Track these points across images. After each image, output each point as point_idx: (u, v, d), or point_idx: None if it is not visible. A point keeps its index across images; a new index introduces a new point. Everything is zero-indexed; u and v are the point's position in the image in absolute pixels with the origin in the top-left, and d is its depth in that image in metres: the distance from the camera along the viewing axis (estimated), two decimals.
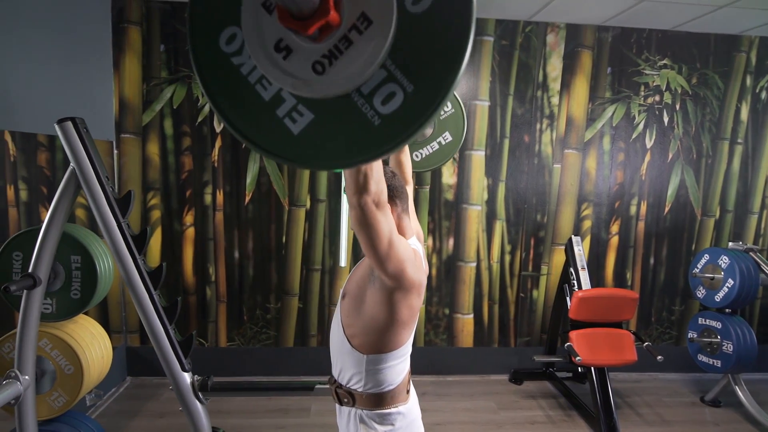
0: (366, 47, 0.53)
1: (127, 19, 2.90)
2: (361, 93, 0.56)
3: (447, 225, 3.23)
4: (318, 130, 0.59)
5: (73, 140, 1.66)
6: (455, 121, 1.99)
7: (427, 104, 0.55)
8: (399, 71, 0.55)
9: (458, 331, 3.33)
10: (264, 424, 2.69)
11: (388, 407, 1.17)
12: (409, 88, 0.55)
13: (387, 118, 0.56)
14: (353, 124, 0.57)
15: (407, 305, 1.10)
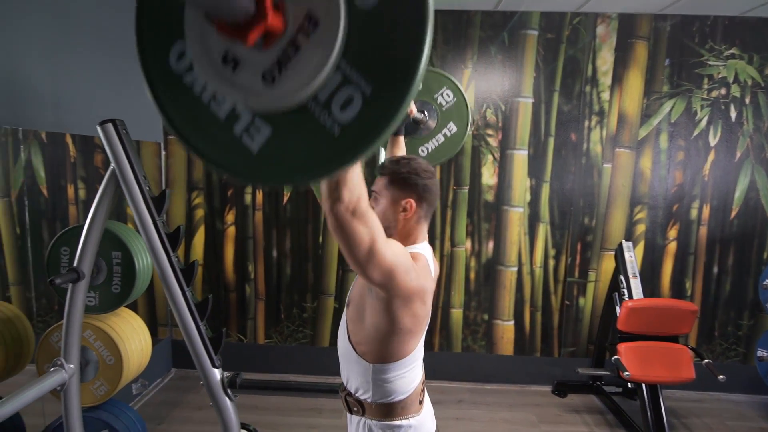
0: (315, 50, 0.49)
1: None
2: (318, 101, 0.51)
3: (486, 227, 3.11)
4: (277, 146, 0.54)
5: (113, 141, 1.73)
6: (459, 111, 1.91)
7: (388, 106, 0.49)
8: (355, 72, 0.50)
9: (498, 338, 3.20)
10: (296, 422, 2.70)
11: (399, 418, 1.12)
12: (368, 90, 0.50)
13: (347, 127, 0.51)
14: (312, 136, 0.52)
15: (409, 314, 1.04)
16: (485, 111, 3.00)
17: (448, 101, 1.94)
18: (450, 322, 3.19)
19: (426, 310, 1.12)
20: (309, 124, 0.52)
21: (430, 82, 1.97)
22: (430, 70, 1.99)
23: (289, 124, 0.53)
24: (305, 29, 0.49)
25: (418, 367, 1.18)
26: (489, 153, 3.04)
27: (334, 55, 0.49)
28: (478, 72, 2.98)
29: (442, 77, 1.92)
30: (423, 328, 1.14)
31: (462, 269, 3.15)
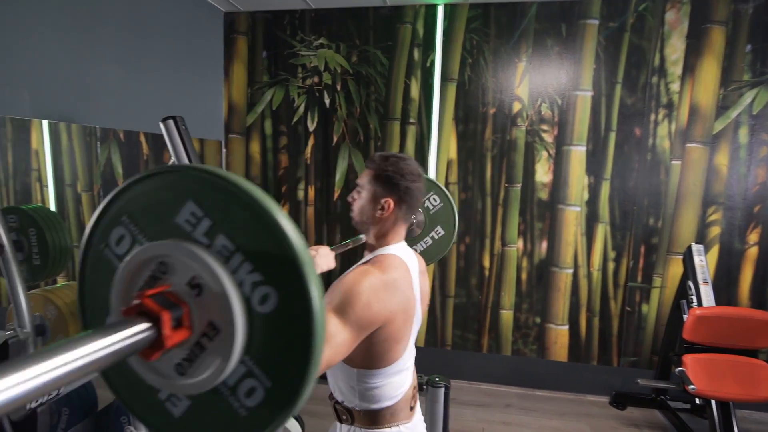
0: (218, 350, 0.54)
1: (236, 30, 3.20)
2: (227, 386, 0.56)
3: (540, 226, 2.99)
4: (195, 416, 0.60)
5: (173, 135, 1.86)
6: (446, 215, 2.02)
7: (286, 400, 0.55)
8: (257, 368, 0.55)
9: (550, 343, 3.06)
10: None
11: (388, 425, 1.08)
12: (268, 384, 0.55)
13: (252, 410, 0.56)
14: (223, 413, 0.58)
15: (386, 332, 1.01)
16: (540, 106, 2.89)
17: (435, 205, 2.04)
18: (499, 323, 3.10)
19: (408, 319, 1.07)
20: (220, 403, 0.57)
21: None
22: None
23: (204, 401, 0.59)
24: (208, 334, 0.54)
25: (408, 372, 1.12)
26: (543, 149, 2.92)
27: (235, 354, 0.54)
28: (533, 65, 2.87)
29: (429, 183, 2.03)
30: (408, 335, 1.08)
31: (513, 269, 3.05)
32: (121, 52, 2.33)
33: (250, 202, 0.53)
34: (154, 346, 0.51)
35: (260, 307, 0.53)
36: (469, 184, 3.04)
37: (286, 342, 0.54)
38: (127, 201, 0.59)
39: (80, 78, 2.10)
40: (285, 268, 0.53)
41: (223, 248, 0.54)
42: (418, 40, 2.98)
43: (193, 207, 0.55)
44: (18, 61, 1.78)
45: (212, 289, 0.53)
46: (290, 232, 0.53)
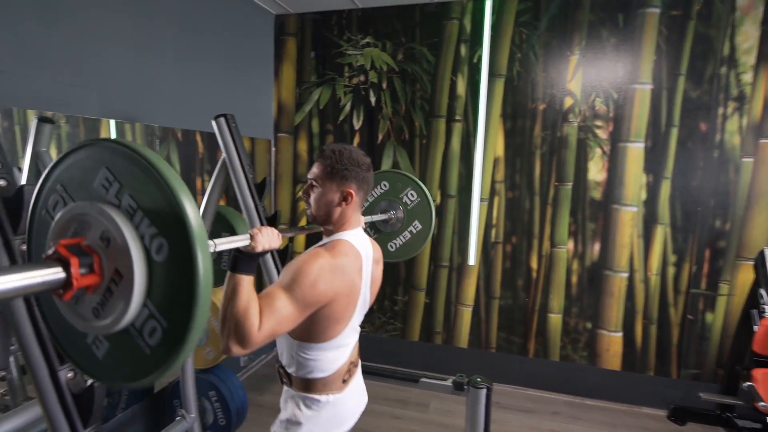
0: (123, 295, 0.64)
1: (286, 32, 3.29)
2: (134, 327, 0.67)
3: (593, 227, 2.85)
4: (114, 356, 0.71)
5: (224, 133, 1.94)
6: (423, 210, 2.09)
7: (181, 338, 0.63)
8: (156, 310, 0.65)
9: (602, 350, 2.91)
10: (381, 411, 2.75)
11: (318, 393, 1.18)
12: (165, 325, 0.64)
13: (153, 349, 0.66)
14: (133, 352, 0.68)
15: (326, 313, 1.08)
16: (594, 100, 2.76)
17: (412, 200, 2.10)
18: (547, 327, 2.99)
19: (351, 302, 1.13)
20: (130, 343, 0.68)
21: (395, 182, 2.13)
22: (397, 173, 2.15)
23: (118, 342, 0.70)
24: (115, 280, 0.65)
25: (345, 349, 1.20)
26: (597, 146, 2.78)
27: (136, 298, 0.64)
28: (586, 58, 2.74)
29: (406, 179, 2.08)
30: (350, 316, 1.15)
31: (562, 272, 2.93)
32: (179, 55, 2.46)
33: (148, 167, 0.64)
34: (66, 286, 0.63)
35: (157, 256, 0.64)
36: (517, 183, 2.95)
37: (177, 287, 0.63)
38: (61, 172, 0.73)
39: (142, 80, 2.24)
40: (174, 221, 0.63)
41: (129, 207, 0.66)
42: (465, 35, 2.93)
43: (107, 173, 0.68)
44: (88, 64, 1.93)
45: (118, 241, 0.64)
46: (178, 192, 0.63)
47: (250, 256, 0.99)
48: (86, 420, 1.02)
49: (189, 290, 0.62)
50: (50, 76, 1.77)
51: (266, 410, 2.71)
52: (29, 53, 1.70)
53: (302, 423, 1.16)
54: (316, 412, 1.18)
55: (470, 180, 3.01)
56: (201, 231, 0.63)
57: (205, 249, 0.63)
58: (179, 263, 0.63)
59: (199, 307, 0.62)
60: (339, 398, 1.20)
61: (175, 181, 0.64)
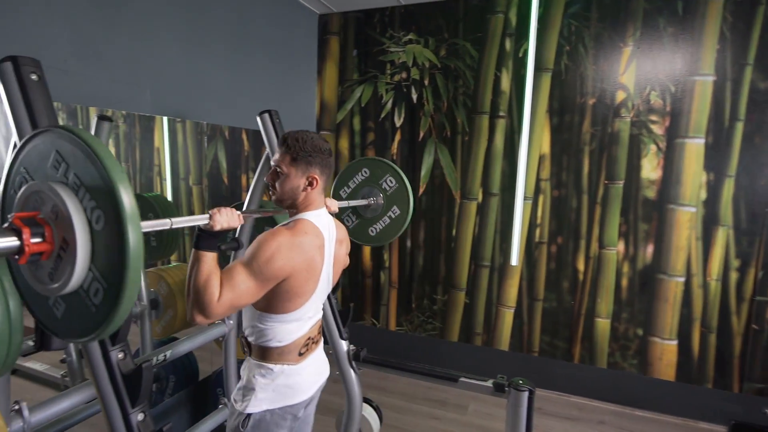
0: (70, 260, 0.75)
1: (329, 31, 3.33)
2: (83, 289, 0.78)
3: (645, 228, 2.69)
4: (69, 315, 0.82)
5: (268, 128, 1.98)
6: (401, 195, 2.15)
7: (117, 297, 0.74)
8: (98, 273, 0.76)
9: (654, 359, 2.74)
10: (419, 410, 2.73)
11: (273, 363, 1.22)
12: (105, 286, 0.75)
13: (98, 306, 0.77)
14: (83, 311, 0.79)
15: (284, 288, 1.14)
16: (649, 94, 2.61)
17: (391, 186, 2.15)
18: (594, 332, 2.86)
19: (311, 278, 1.19)
20: (81, 303, 0.79)
21: (375, 169, 2.17)
22: (376, 159, 2.18)
23: (72, 302, 0.80)
24: (63, 247, 0.75)
25: (303, 323, 1.25)
26: (652, 142, 2.63)
27: (80, 262, 0.75)
28: (641, 50, 2.60)
29: (385, 165, 2.14)
30: (310, 292, 1.21)
31: (611, 274, 2.79)
32: (226, 55, 2.54)
33: (87, 149, 0.75)
34: (19, 252, 0.74)
35: (97, 226, 0.75)
36: (563, 181, 2.84)
37: (112, 251, 0.74)
38: (23, 156, 0.86)
39: (192, 79, 2.33)
40: (107, 194, 0.73)
41: (74, 183, 0.77)
42: (511, 29, 2.86)
43: (57, 155, 0.79)
44: (143, 63, 2.03)
45: (65, 213, 0.75)
46: (110, 169, 0.74)
47: (211, 234, 1.10)
48: (134, 399, 1.06)
49: (121, 253, 0.72)
50: (109, 75, 1.88)
51: None
52: (91, 54, 1.80)
53: (255, 389, 1.21)
54: (269, 380, 1.22)
55: (514, 178, 2.93)
56: (131, 203, 0.73)
57: (134, 218, 0.73)
58: (113, 230, 0.73)
59: (131, 268, 0.73)
60: (293, 369, 1.24)
61: (108, 159, 0.75)
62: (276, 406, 1.22)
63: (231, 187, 3.82)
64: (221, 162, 3.83)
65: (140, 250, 0.73)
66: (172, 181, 3.06)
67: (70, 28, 1.72)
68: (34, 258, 0.76)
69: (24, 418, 1.31)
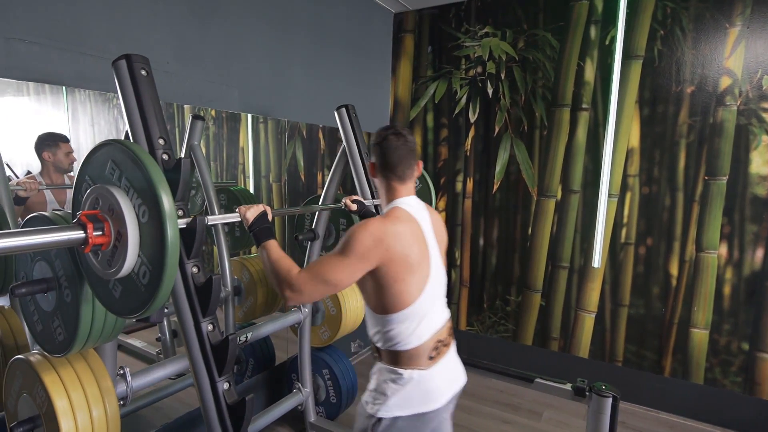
0: (125, 249, 0.91)
1: (404, 29, 3.35)
2: (134, 272, 0.95)
3: (754, 230, 2.40)
4: (126, 295, 0.98)
5: (345, 122, 2.04)
6: (423, 196, 2.20)
7: (160, 278, 0.90)
8: (145, 258, 0.93)
9: (763, 378, 2.43)
10: (491, 413, 2.64)
11: (403, 367, 1.19)
12: (150, 268, 0.92)
13: (146, 286, 0.94)
14: (135, 290, 0.96)
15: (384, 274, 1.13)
16: (761, 79, 2.32)
17: (416, 186, 2.17)
18: (689, 344, 2.59)
19: (415, 265, 1.16)
20: (133, 285, 0.96)
21: None
22: None
23: (127, 284, 0.97)
24: (119, 239, 0.92)
25: (426, 323, 1.20)
26: (764, 133, 2.34)
27: (131, 249, 0.92)
28: (751, 29, 2.32)
29: None
30: (412, 286, 1.17)
31: (711, 281, 2.51)
32: (306, 55, 2.66)
33: (135, 158, 0.94)
34: (85, 243, 0.91)
35: (143, 219, 0.92)
36: (655, 177, 2.61)
37: (155, 239, 0.90)
38: (86, 167, 1.04)
39: (275, 78, 2.46)
40: (150, 193, 0.91)
41: (125, 186, 0.95)
42: (596, 16, 2.69)
43: (112, 164, 0.98)
44: (232, 64, 2.18)
45: (119, 211, 0.92)
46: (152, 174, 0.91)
47: (259, 228, 1.25)
48: (221, 369, 1.14)
49: (162, 241, 0.88)
50: (203, 75, 2.04)
51: None
52: (189, 56, 1.97)
53: (388, 395, 1.18)
54: (400, 386, 1.18)
55: (598, 174, 2.75)
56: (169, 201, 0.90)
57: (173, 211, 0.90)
58: (154, 221, 0.89)
59: (169, 253, 0.88)
60: (424, 375, 1.19)
61: (151, 166, 0.92)
62: (407, 413, 1.18)
63: (307, 183, 3.98)
64: (299, 160, 4.01)
65: (176, 238, 0.90)
66: (254, 178, 3.24)
67: (172, 33, 1.89)
68: (96, 248, 0.93)
69: (127, 382, 1.45)
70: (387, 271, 1.13)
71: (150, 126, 1.18)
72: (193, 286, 1.15)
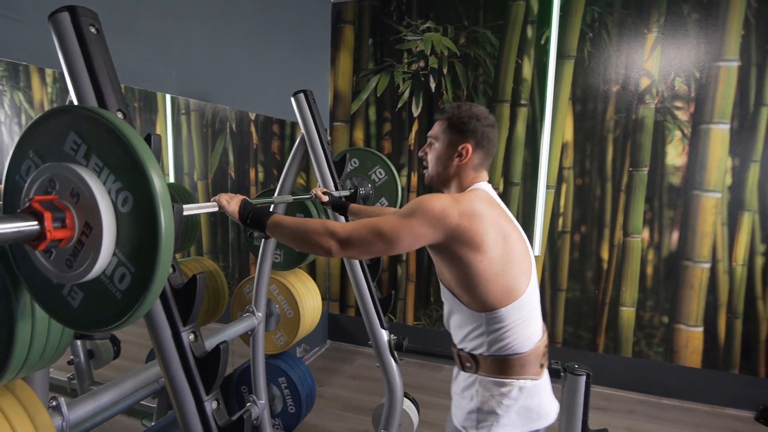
0: (94, 245, 0.70)
1: (343, 20, 3.25)
2: (105, 275, 0.73)
3: (670, 215, 2.69)
4: (89, 304, 0.76)
5: (303, 108, 1.89)
6: (389, 187, 2.17)
7: (147, 281, 0.70)
8: (124, 257, 0.72)
9: (680, 346, 2.73)
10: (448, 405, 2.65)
11: (515, 377, 1.02)
12: (133, 270, 0.71)
13: (125, 293, 0.72)
14: (105, 298, 0.74)
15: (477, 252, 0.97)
16: (673, 80, 2.60)
17: (380, 178, 2.17)
18: (619, 321, 2.83)
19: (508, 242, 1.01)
20: (102, 291, 0.74)
21: (365, 160, 2.21)
22: (367, 150, 2.21)
23: (92, 290, 0.75)
24: (86, 232, 0.71)
25: (533, 319, 1.06)
26: (677, 128, 2.63)
27: (105, 247, 0.70)
28: (665, 36, 2.60)
29: (375, 157, 2.18)
30: (522, 268, 1.02)
31: (636, 262, 2.77)
32: (247, 41, 2.44)
33: (112, 129, 0.72)
34: (39, 238, 0.68)
35: (123, 208, 0.71)
36: (587, 169, 2.81)
37: (141, 233, 0.70)
38: (31, 140, 0.79)
39: (216, 62, 2.23)
40: (136, 175, 0.70)
41: (96, 165, 0.73)
42: (532, 16, 2.83)
43: (75, 137, 0.75)
44: (170, 42, 1.92)
45: (87, 196, 0.70)
46: (138, 148, 0.70)
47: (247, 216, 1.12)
48: (209, 386, 0.96)
49: (152, 233, 0.69)
50: (136, 49, 1.76)
51: (328, 401, 2.64)
52: (116, 24, 1.69)
53: (499, 414, 1.01)
54: (512, 400, 1.01)
55: (536, 167, 2.89)
56: (162, 184, 0.71)
57: (166, 198, 0.70)
58: (142, 211, 0.70)
59: (163, 249, 0.70)
60: (535, 386, 1.04)
61: (136, 139, 0.71)
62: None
63: (239, 180, 3.69)
64: (229, 155, 3.71)
65: (172, 230, 0.72)
66: (175, 175, 2.93)
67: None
68: (53, 244, 0.71)
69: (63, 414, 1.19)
70: (484, 252, 0.97)
71: (105, 95, 0.96)
72: (170, 288, 0.96)
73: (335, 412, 2.54)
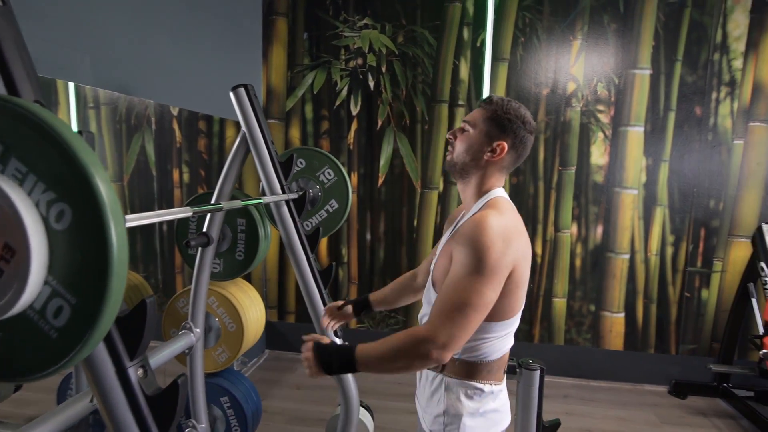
0: (18, 272, 0.55)
1: (276, 11, 3.08)
2: (34, 309, 0.59)
3: (595, 211, 2.89)
4: (8, 348, 0.61)
5: (244, 104, 1.74)
6: (339, 188, 2.07)
7: (93, 314, 0.57)
8: (61, 286, 0.57)
9: (605, 332, 2.96)
10: (398, 407, 2.63)
11: (482, 381, 1.02)
12: (73, 301, 0.57)
13: (62, 330, 0.58)
14: (34, 338, 0.59)
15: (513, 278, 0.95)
16: (596, 85, 2.80)
17: (329, 179, 2.08)
18: (552, 312, 3.00)
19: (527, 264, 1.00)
20: (30, 328, 0.59)
21: (312, 160, 2.10)
22: (314, 150, 2.09)
23: (13, 329, 0.60)
24: (4, 257, 0.56)
25: (512, 333, 1.07)
26: (599, 130, 2.83)
27: (35, 274, 0.56)
28: (588, 43, 2.78)
29: (323, 156, 2.07)
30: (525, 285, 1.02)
31: (566, 256, 2.95)
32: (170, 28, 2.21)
33: (39, 124, 0.55)
34: None
35: (57, 225, 0.56)
36: (521, 168, 2.94)
37: (85, 255, 0.56)
38: None
39: (138, 51, 1.98)
40: (77, 184, 0.55)
41: (17, 171, 0.57)
42: (468, 18, 2.88)
43: None
44: (83, 24, 1.66)
45: (5, 210, 0.54)
46: (80, 150, 0.55)
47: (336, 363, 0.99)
48: (165, 427, 0.82)
49: (99, 256, 0.56)
50: (42, 32, 1.50)
51: (272, 415, 2.49)
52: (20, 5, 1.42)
53: (463, 415, 1.01)
54: (478, 403, 1.02)
55: None
56: (111, 193, 0.57)
57: (117, 210, 0.57)
58: (85, 228, 0.56)
59: (113, 274, 0.56)
60: (500, 390, 1.06)
61: (74, 139, 0.56)
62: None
63: (161, 183, 3.37)
64: (149, 155, 3.36)
65: (125, 250, 0.58)
66: None
67: None
68: None
69: None
70: (512, 274, 0.94)
71: (18, 83, 0.78)
72: None
73: (281, 426, 2.40)
